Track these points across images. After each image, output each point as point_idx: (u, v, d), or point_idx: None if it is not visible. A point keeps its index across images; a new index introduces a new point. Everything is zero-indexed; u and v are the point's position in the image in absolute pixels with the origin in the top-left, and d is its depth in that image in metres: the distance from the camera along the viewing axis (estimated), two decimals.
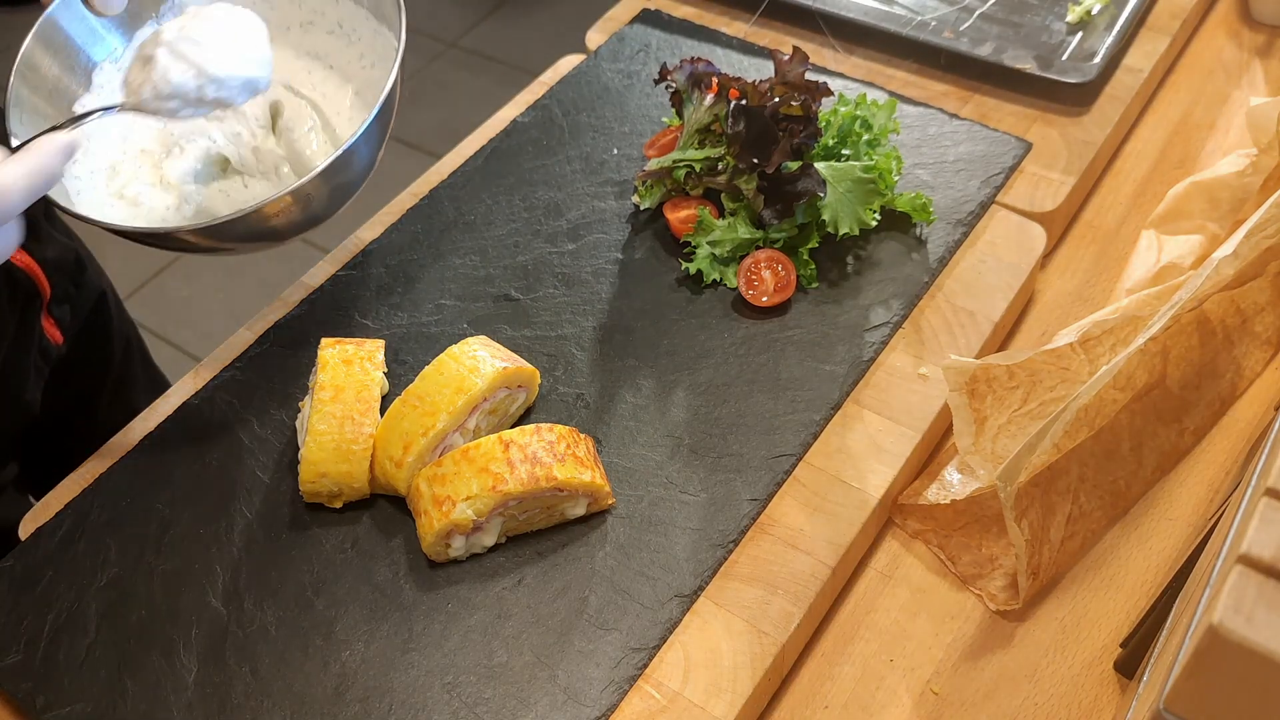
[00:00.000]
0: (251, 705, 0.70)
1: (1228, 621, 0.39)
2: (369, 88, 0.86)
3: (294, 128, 0.84)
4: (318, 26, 0.88)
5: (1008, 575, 0.76)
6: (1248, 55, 1.11)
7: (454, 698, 0.69)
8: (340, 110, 0.85)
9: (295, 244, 0.86)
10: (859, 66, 1.08)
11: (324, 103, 0.85)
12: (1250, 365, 0.86)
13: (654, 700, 0.69)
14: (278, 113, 0.84)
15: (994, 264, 0.90)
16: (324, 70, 0.87)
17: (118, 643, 0.73)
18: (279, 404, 0.85)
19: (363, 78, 0.86)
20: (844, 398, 0.82)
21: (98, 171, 0.82)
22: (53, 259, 0.94)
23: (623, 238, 0.94)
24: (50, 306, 0.95)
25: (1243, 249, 0.74)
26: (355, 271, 0.94)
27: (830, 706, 0.72)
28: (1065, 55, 1.03)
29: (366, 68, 0.86)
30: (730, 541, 0.75)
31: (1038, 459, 0.74)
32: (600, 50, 1.11)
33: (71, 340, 0.99)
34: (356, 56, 0.86)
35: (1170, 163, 1.02)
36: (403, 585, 0.75)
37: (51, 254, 0.94)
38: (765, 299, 0.87)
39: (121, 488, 0.81)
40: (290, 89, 0.86)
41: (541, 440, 0.74)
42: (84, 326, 1.02)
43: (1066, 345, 0.77)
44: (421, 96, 2.72)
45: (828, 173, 0.87)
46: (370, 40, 0.86)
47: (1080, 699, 0.71)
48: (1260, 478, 0.46)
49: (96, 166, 0.82)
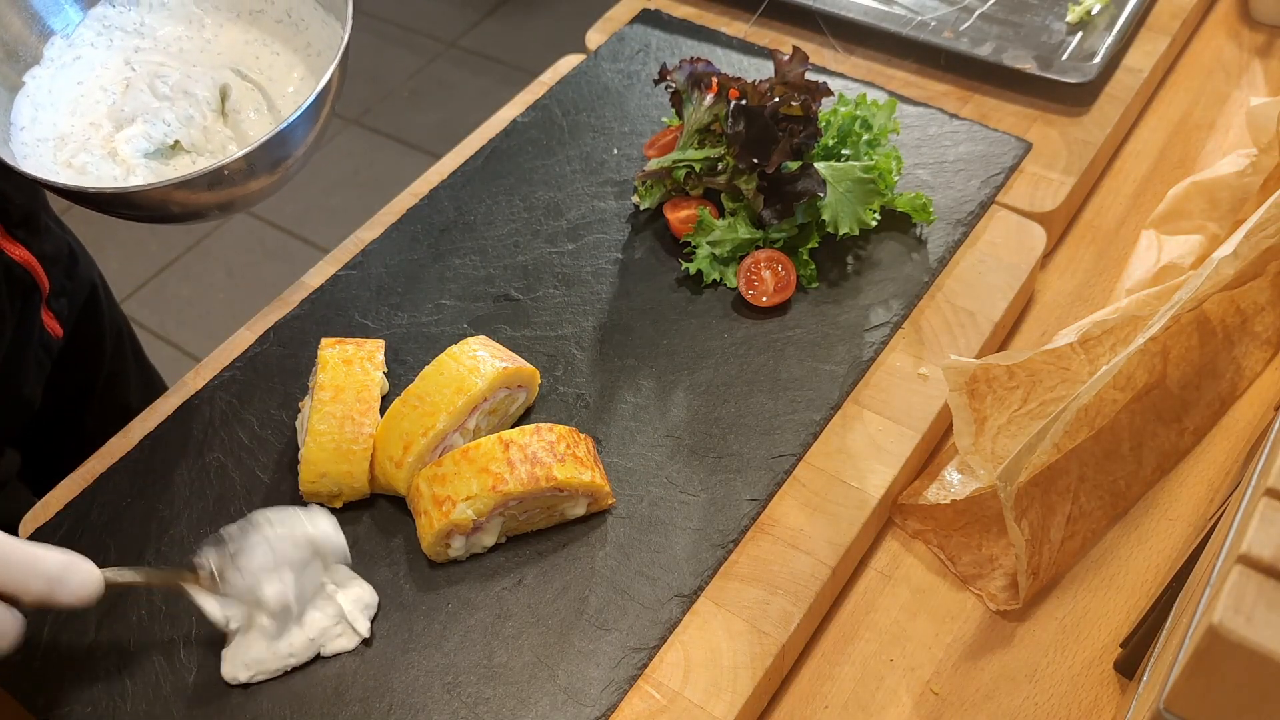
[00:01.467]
0: (251, 705, 0.70)
1: (1228, 621, 0.39)
2: (314, 74, 0.88)
3: (241, 109, 0.86)
4: (267, 15, 0.91)
5: (1008, 575, 0.76)
6: (1248, 55, 1.11)
7: (454, 698, 0.69)
8: (285, 94, 0.88)
9: (295, 244, 0.86)
10: (859, 66, 1.08)
11: (270, 86, 0.88)
12: (1250, 365, 0.85)
13: (654, 700, 0.69)
14: (225, 95, 0.87)
15: (994, 264, 0.90)
16: (270, 56, 0.90)
17: (118, 643, 0.73)
18: (279, 404, 0.85)
19: (308, 65, 0.89)
20: (844, 398, 0.82)
21: (45, 140, 0.83)
22: (50, 253, 0.95)
23: (623, 238, 0.94)
24: (49, 300, 0.95)
25: (1243, 249, 0.74)
26: (355, 271, 0.94)
27: (830, 706, 0.72)
28: (1065, 55, 1.03)
29: (313, 55, 0.89)
30: (730, 541, 0.75)
31: (1038, 459, 0.74)
32: (600, 50, 1.11)
33: (69, 333, 0.99)
34: (304, 45, 0.89)
35: (1170, 163, 1.02)
36: (403, 585, 0.74)
37: (49, 248, 0.95)
38: (765, 299, 0.87)
39: (121, 488, 0.81)
40: (239, 73, 0.88)
41: (541, 440, 0.74)
42: (78, 319, 1.02)
43: (1066, 345, 0.77)
44: (421, 96, 2.73)
45: (828, 173, 0.87)
46: (318, 29, 0.89)
47: (1080, 699, 0.71)
48: (1260, 478, 0.46)
49: (44, 135, 0.84)
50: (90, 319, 1.05)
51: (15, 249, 0.89)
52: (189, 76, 0.86)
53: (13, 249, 0.88)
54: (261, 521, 0.70)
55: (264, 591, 0.69)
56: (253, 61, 0.89)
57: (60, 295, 0.97)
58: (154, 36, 0.90)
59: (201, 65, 0.88)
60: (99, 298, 1.07)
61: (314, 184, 2.46)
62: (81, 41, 0.88)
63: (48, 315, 0.95)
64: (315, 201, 2.39)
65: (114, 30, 0.89)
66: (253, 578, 0.69)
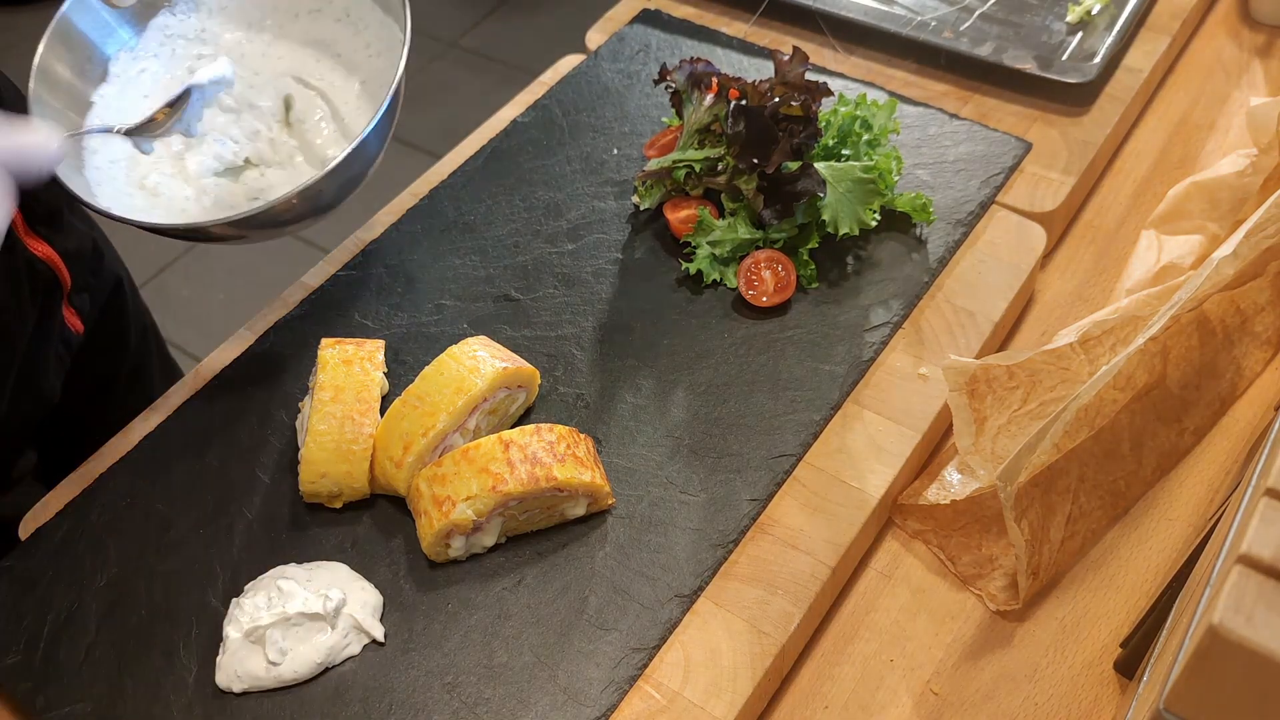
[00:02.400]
0: (251, 706, 0.70)
1: (1228, 621, 0.39)
2: (375, 78, 0.87)
3: (305, 119, 0.86)
4: (325, 14, 0.90)
5: (1008, 575, 0.76)
6: (1248, 55, 1.11)
7: (454, 698, 0.69)
8: (348, 100, 0.87)
9: (295, 244, 0.87)
10: (859, 66, 1.08)
11: (332, 93, 0.88)
12: (1250, 365, 0.85)
13: (654, 700, 0.69)
14: (289, 105, 0.87)
15: (994, 264, 0.90)
16: (331, 59, 0.89)
17: (118, 643, 0.73)
18: (279, 404, 0.85)
19: (369, 67, 0.88)
20: (844, 398, 0.82)
21: (118, 161, 0.84)
22: (73, 249, 0.95)
23: (623, 238, 0.94)
24: (70, 296, 0.95)
25: (1243, 249, 0.74)
26: (355, 271, 0.94)
27: (830, 706, 0.72)
28: (1065, 55, 1.03)
29: (372, 57, 0.88)
30: (730, 541, 0.75)
31: (1038, 459, 0.74)
32: (600, 50, 1.11)
33: (91, 328, 1.00)
34: (363, 45, 0.88)
35: (1170, 163, 1.02)
36: (403, 585, 0.74)
37: (72, 244, 0.95)
38: (765, 299, 0.87)
39: (121, 488, 0.81)
40: (300, 80, 0.88)
41: (541, 440, 0.74)
42: (102, 314, 1.02)
43: (1066, 345, 0.77)
44: (421, 96, 2.72)
45: (828, 173, 0.87)
46: (377, 30, 0.88)
47: (1080, 699, 0.71)
48: (1260, 478, 0.46)
49: (117, 156, 0.84)
50: (114, 314, 1.06)
51: (38, 245, 0.89)
52: (252, 87, 0.86)
53: (36, 245, 0.89)
54: None
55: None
56: (313, 66, 0.89)
57: (82, 291, 0.97)
58: (215, 43, 0.89)
59: (263, 73, 0.88)
60: (124, 292, 1.07)
61: None
62: (145, 53, 0.88)
63: (69, 311, 0.95)
64: None
65: (176, 39, 0.89)
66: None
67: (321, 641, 0.70)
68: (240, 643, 0.70)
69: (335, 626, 0.71)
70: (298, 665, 0.70)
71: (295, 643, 0.70)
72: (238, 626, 0.70)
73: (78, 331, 0.97)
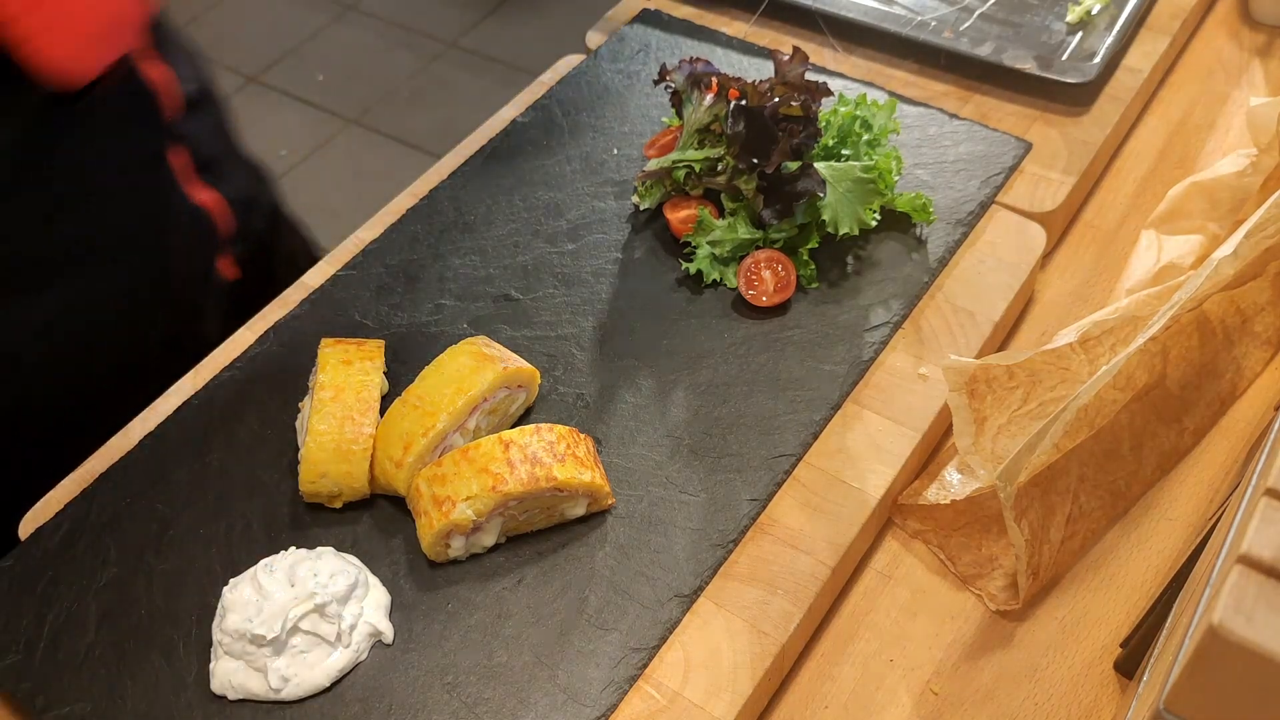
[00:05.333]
0: (251, 705, 0.70)
1: (1228, 621, 0.39)
2: None
3: None
4: None
5: (1008, 575, 0.76)
6: (1248, 55, 1.11)
7: (454, 698, 0.69)
8: None
9: None
10: (859, 66, 1.08)
11: None
12: (1250, 365, 0.85)
13: (654, 700, 0.69)
14: None
15: (994, 264, 0.90)
16: None
17: (118, 643, 0.73)
18: (279, 404, 0.85)
19: None
20: (844, 398, 0.82)
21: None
22: (233, 195, 0.95)
23: (623, 238, 0.94)
24: (229, 244, 0.95)
25: (1243, 249, 0.74)
26: (355, 271, 0.94)
27: (830, 706, 0.72)
28: (1065, 55, 1.03)
29: None
30: (730, 541, 0.75)
31: (1038, 459, 0.74)
32: (600, 50, 1.11)
33: (246, 269, 1.01)
34: None
35: (1170, 163, 1.02)
36: (403, 585, 0.74)
37: (232, 191, 0.95)
38: (765, 299, 0.87)
39: (121, 488, 0.81)
40: None
41: (541, 440, 0.74)
42: (256, 250, 1.03)
43: (1066, 345, 0.77)
44: (421, 96, 2.72)
45: (828, 173, 0.87)
46: None
47: (1080, 699, 0.71)
48: (1260, 478, 0.46)
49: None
50: (268, 248, 1.06)
51: (202, 192, 0.89)
52: None
53: (199, 192, 0.89)
54: None
55: None
56: None
57: (240, 240, 0.98)
58: None
59: None
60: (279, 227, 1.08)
61: (314, 184, 2.47)
62: None
63: (225, 260, 0.96)
64: (315, 201, 2.39)
65: None
66: None
67: (331, 664, 0.70)
68: (235, 660, 0.70)
69: (349, 645, 0.71)
70: (302, 690, 0.69)
71: (301, 669, 0.69)
72: (231, 635, 0.70)
73: (234, 278, 0.97)
